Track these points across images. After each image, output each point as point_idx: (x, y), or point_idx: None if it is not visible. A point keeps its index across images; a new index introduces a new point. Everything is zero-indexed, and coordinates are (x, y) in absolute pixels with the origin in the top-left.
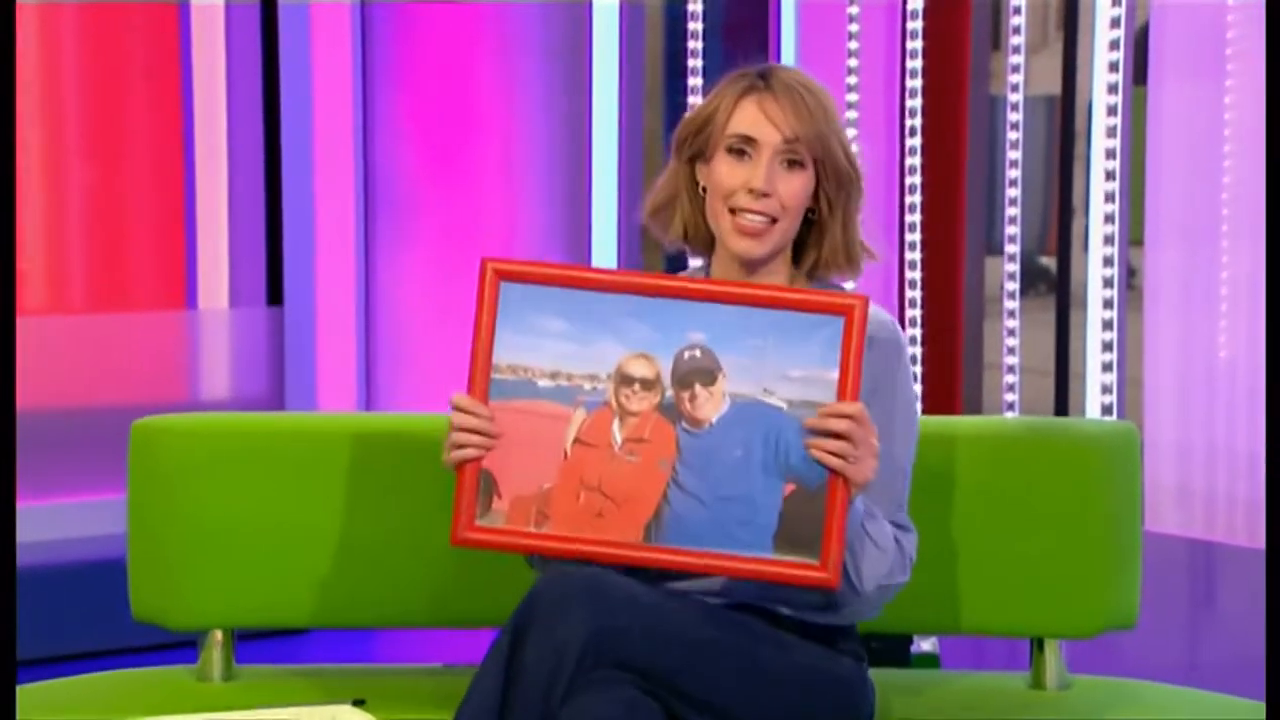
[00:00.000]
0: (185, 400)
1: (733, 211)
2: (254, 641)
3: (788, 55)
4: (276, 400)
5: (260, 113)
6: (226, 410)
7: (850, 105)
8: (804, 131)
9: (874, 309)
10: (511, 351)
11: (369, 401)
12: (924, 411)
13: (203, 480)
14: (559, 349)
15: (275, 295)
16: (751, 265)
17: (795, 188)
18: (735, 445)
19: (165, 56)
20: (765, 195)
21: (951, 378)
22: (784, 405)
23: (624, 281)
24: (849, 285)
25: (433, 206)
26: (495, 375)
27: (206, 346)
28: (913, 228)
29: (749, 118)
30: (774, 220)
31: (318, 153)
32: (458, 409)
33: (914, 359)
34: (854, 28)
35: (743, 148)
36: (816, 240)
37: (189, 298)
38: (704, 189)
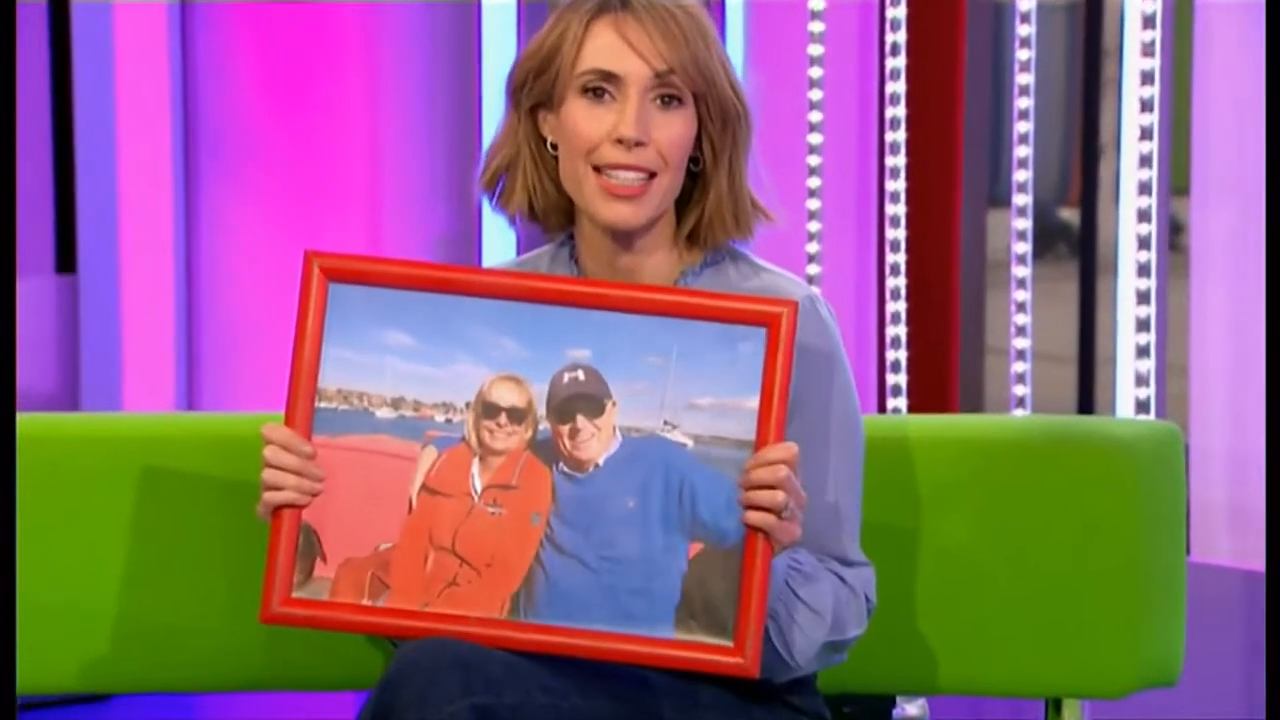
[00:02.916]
0: None
1: (597, 170)
2: (41, 712)
3: None
4: (68, 397)
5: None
6: None
7: (814, 14)
8: (679, 59)
9: (780, 279)
10: (342, 373)
11: (190, 399)
12: (910, 408)
13: None
14: (404, 370)
15: (67, 260)
16: (627, 238)
17: (675, 132)
18: (627, 493)
19: None
20: (639, 144)
21: (944, 366)
22: (689, 442)
23: (487, 283)
24: (808, 251)
25: (274, 155)
26: (321, 403)
27: None
28: (894, 173)
29: (607, 47)
30: (651, 175)
31: (120, 83)
32: (271, 444)
33: (896, 341)
34: None
35: (601, 86)
36: (699, 198)
37: None
38: (553, 145)
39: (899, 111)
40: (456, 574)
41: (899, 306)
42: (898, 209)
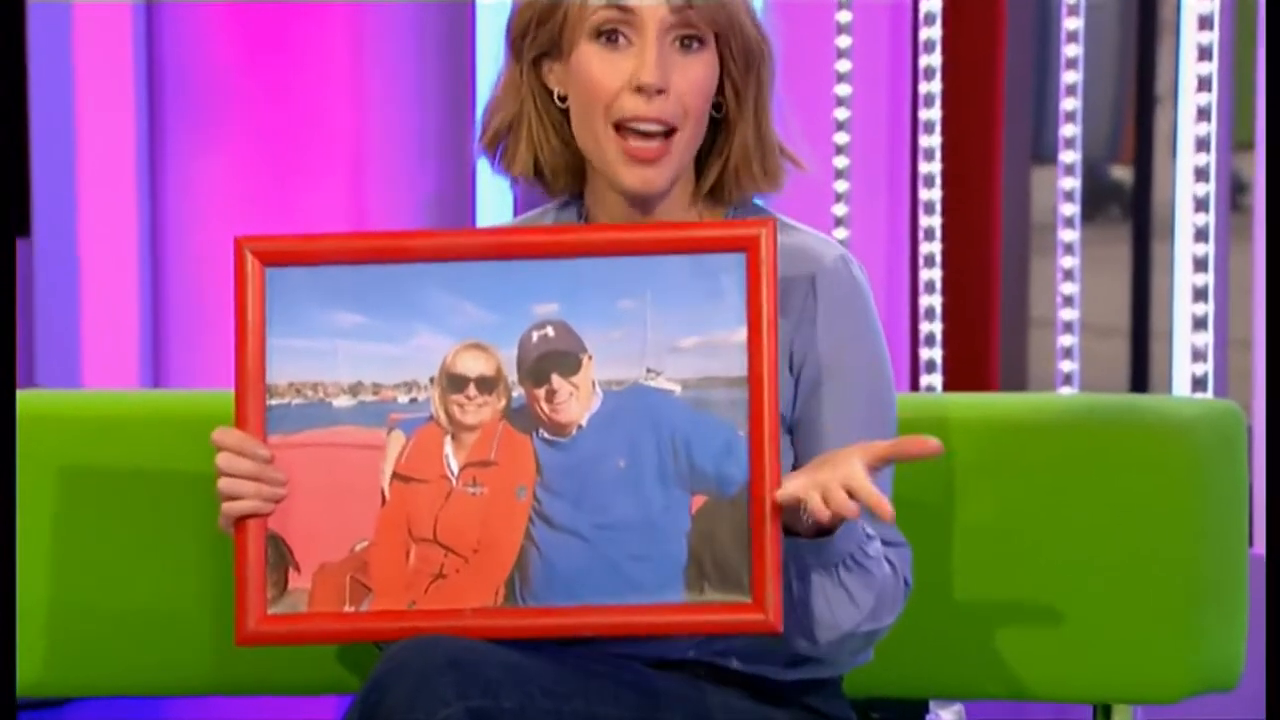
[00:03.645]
0: None
1: (619, 130)
2: None
3: None
4: (22, 372)
5: None
6: None
7: None
8: None
9: (808, 238)
10: (292, 364)
11: (156, 375)
12: (946, 386)
13: None
14: (358, 352)
15: (20, 222)
16: (645, 200)
17: (697, 77)
18: (616, 453)
19: None
20: (659, 92)
21: (984, 339)
22: (677, 388)
23: (436, 245)
24: (838, 216)
25: (248, 109)
26: (273, 400)
27: None
28: (929, 127)
29: None
30: (670, 133)
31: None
32: (224, 450)
33: (931, 313)
34: None
35: (616, 28)
36: (721, 147)
37: None
38: (560, 98)
39: (934, 60)
40: (442, 565)
41: (934, 274)
42: (932, 167)
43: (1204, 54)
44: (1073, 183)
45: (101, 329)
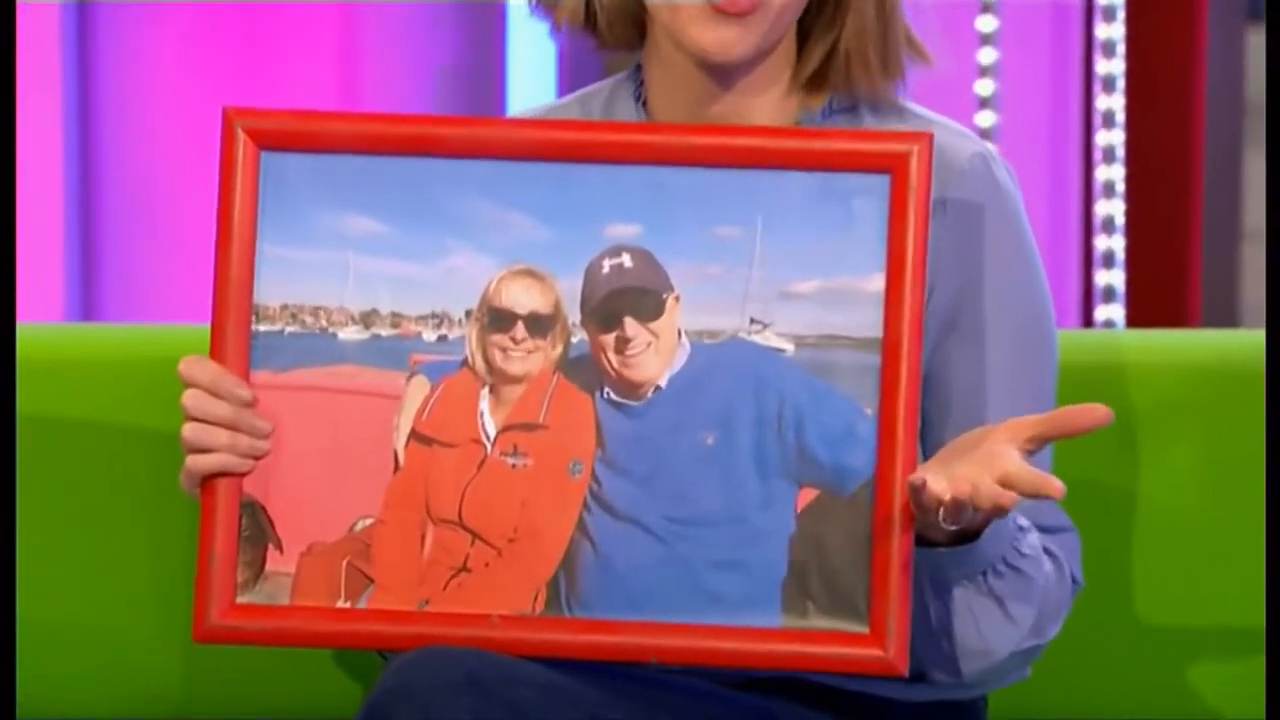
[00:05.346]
0: None
1: None
2: None
3: None
4: None
5: None
6: None
7: None
8: None
9: (935, 129)
10: (287, 280)
11: (86, 306)
12: (1129, 320)
13: None
14: (373, 270)
15: None
16: (726, 74)
17: None
18: (703, 424)
19: None
20: None
21: (1180, 259)
22: (789, 346)
23: (483, 135)
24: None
25: None
26: (261, 325)
27: None
28: None
29: None
30: None
31: None
32: (193, 387)
33: (1109, 225)
34: None
35: None
36: (830, 25)
37: None
38: None
39: None
40: (467, 556)
41: (1113, 173)
42: (1112, 30)
43: None
44: None
45: (18, 249)
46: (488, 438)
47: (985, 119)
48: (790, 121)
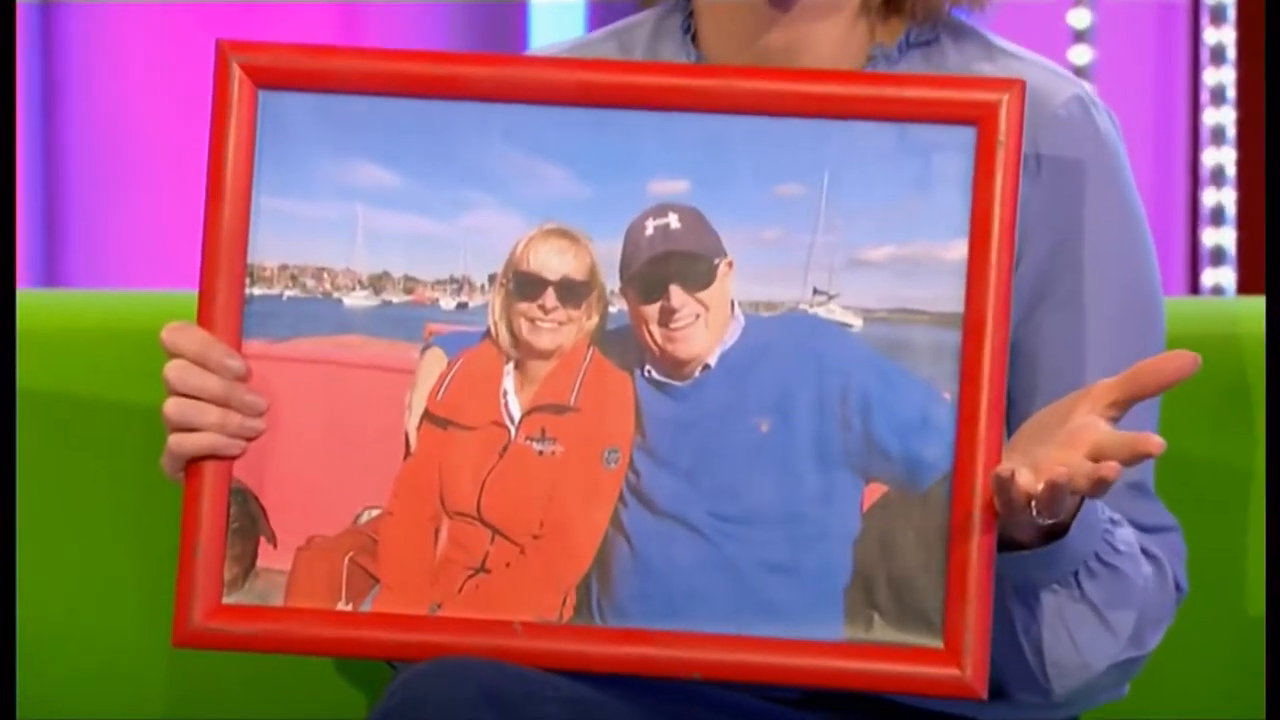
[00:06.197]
0: None
1: None
2: None
3: None
4: None
5: None
6: None
7: None
8: None
9: (1029, 69)
10: (286, 236)
11: (49, 269)
12: (1241, 285)
13: None
14: (384, 226)
15: None
16: (788, 3)
17: None
18: (758, 409)
19: None
20: None
21: None
22: (857, 321)
23: (512, 75)
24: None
25: None
26: (256, 288)
27: None
28: None
29: None
30: None
31: None
32: (178, 357)
33: (1219, 177)
34: None
35: None
36: None
37: None
38: None
39: None
40: (487, 554)
41: (1223, 117)
42: None
43: None
44: None
45: None
46: (511, 420)
47: (1080, 55)
48: (861, 53)
